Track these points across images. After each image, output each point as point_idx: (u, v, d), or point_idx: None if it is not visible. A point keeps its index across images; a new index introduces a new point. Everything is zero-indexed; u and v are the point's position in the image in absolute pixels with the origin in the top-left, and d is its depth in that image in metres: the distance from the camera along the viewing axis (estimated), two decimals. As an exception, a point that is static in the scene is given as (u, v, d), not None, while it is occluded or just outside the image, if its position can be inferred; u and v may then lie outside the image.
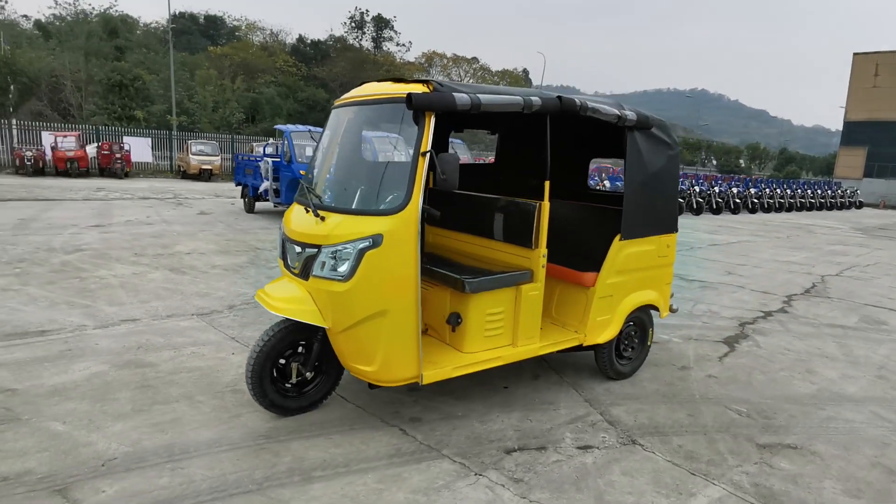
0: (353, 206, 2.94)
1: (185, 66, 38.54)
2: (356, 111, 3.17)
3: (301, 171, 9.69)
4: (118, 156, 20.57)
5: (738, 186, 20.90)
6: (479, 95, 2.86)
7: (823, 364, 4.62)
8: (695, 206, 18.80)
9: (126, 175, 20.91)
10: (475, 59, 58.44)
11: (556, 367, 4.19)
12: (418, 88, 2.81)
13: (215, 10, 60.12)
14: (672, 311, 4.36)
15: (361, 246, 2.70)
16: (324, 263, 2.81)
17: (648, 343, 4.16)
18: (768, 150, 75.30)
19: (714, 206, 19.62)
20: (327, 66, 47.43)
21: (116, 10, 43.32)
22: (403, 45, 71.26)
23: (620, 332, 3.92)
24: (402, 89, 2.83)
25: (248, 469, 2.65)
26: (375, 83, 3.13)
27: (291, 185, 10.58)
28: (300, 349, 3.15)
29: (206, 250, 7.84)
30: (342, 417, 3.22)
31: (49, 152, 19.99)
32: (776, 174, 61.34)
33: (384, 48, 56.83)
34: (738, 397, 3.86)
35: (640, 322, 4.06)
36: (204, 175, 21.82)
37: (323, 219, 2.92)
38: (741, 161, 60.85)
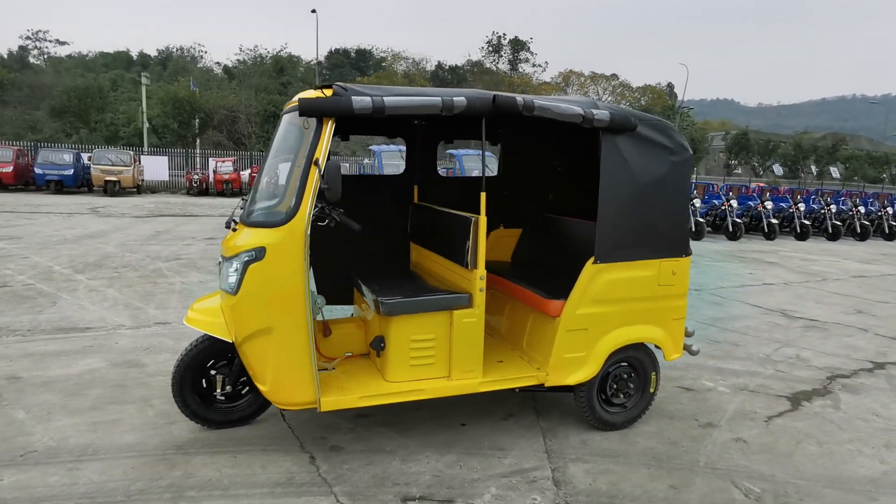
0: (252, 218, 2.85)
1: (335, 96, 42.56)
2: (282, 120, 3.10)
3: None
4: (263, 177, 23.25)
5: (922, 207, 17.11)
6: (383, 98, 2.61)
7: (918, 440, 3.42)
8: (858, 229, 15.81)
9: (269, 195, 23.50)
10: (614, 76, 56.22)
11: (540, 407, 3.64)
12: (317, 94, 2.65)
13: (365, 44, 65.76)
14: (691, 353, 3.57)
15: (245, 259, 2.60)
16: (224, 276, 2.76)
17: (651, 390, 3.43)
18: None
19: (887, 231, 16.35)
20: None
21: (286, 52, 49.62)
22: (540, 65, 71.26)
23: (607, 373, 3.30)
24: (305, 96, 2.69)
25: (133, 479, 2.64)
26: (302, 92, 3.03)
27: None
28: (235, 363, 3.11)
29: (279, 263, 8.35)
30: (263, 436, 3.10)
31: (212, 175, 23.24)
32: None
33: (520, 70, 57.21)
34: (761, 472, 2.99)
35: (637, 364, 3.37)
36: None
37: (235, 230, 2.87)
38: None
